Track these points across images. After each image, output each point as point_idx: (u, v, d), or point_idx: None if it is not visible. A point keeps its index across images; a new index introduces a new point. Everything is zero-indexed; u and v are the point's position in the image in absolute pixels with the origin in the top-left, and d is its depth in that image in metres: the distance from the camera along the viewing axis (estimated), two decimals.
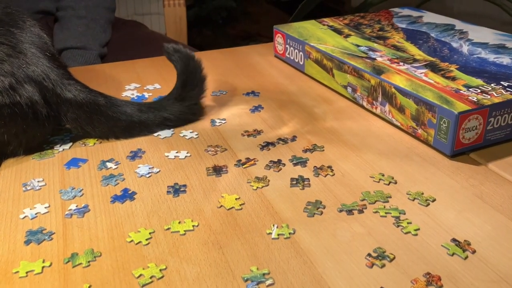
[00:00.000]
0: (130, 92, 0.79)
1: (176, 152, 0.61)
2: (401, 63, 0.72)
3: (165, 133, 0.65)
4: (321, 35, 0.86)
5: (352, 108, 0.73)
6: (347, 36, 0.85)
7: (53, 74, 0.60)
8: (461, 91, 0.62)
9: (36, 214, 0.50)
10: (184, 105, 0.67)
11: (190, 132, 0.66)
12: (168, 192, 0.53)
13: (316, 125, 0.68)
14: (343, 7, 3.14)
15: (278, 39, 0.92)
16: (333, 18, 0.96)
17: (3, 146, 0.59)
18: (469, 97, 0.60)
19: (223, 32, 2.43)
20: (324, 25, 0.92)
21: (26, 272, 0.42)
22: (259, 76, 0.86)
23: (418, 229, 0.46)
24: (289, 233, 0.46)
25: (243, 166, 0.58)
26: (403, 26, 0.90)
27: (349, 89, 0.74)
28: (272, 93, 0.79)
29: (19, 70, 0.57)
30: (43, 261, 0.43)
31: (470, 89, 0.62)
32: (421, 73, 0.68)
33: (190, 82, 0.67)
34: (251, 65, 0.92)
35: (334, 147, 0.62)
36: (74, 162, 0.59)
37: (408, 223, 0.47)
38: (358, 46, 0.80)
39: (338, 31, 0.88)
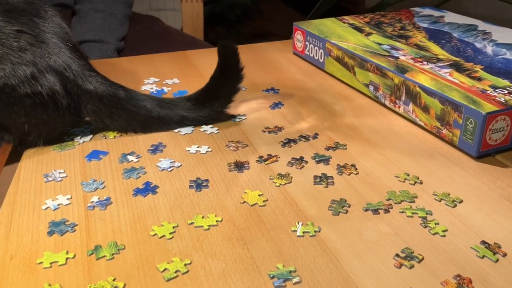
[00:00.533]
0: (149, 86, 0.79)
1: (197, 147, 0.60)
2: (425, 62, 0.71)
3: (185, 129, 0.65)
4: (342, 32, 0.85)
5: (372, 105, 0.72)
6: (368, 34, 0.84)
7: (74, 64, 0.59)
8: (488, 92, 0.61)
9: (58, 205, 0.50)
10: (205, 109, 0.65)
11: (211, 127, 0.65)
12: (191, 186, 0.52)
13: (337, 122, 0.67)
14: (357, 7, 3.12)
15: (298, 36, 0.91)
16: (353, 16, 0.95)
17: (23, 136, 0.58)
18: (496, 98, 0.59)
19: (236, 29, 2.42)
20: (344, 23, 0.91)
21: (50, 263, 0.42)
22: (278, 72, 0.86)
23: (446, 230, 0.45)
24: (315, 231, 0.45)
25: (265, 163, 0.57)
26: (425, 25, 0.89)
27: (371, 88, 0.73)
28: (291, 90, 0.78)
29: (41, 59, 0.56)
30: (67, 253, 0.43)
31: (497, 90, 0.61)
32: (445, 72, 0.67)
33: (220, 89, 0.65)
34: (269, 62, 0.91)
35: (356, 145, 0.61)
36: (95, 155, 0.59)
37: (435, 224, 0.46)
38: (380, 44, 0.79)
39: (359, 29, 0.87)
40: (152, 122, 0.64)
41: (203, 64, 0.89)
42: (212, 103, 0.65)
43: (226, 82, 0.65)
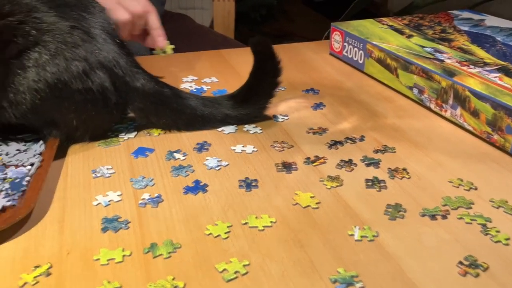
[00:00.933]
0: (188, 85, 0.79)
1: (243, 146, 0.60)
2: (472, 66, 0.69)
3: (229, 128, 0.64)
4: (382, 34, 0.84)
5: (415, 107, 0.71)
6: (409, 36, 0.83)
7: (122, 61, 0.59)
8: None
9: (109, 201, 0.49)
10: (247, 107, 0.64)
11: (254, 127, 0.65)
12: (240, 186, 0.52)
13: (380, 123, 0.66)
14: (379, 10, 3.09)
15: (336, 36, 0.90)
16: (392, 18, 0.94)
17: (71, 131, 0.58)
18: None
19: (260, 29, 2.41)
20: (383, 24, 0.90)
21: (107, 260, 0.41)
22: (315, 73, 0.85)
23: (509, 238, 0.44)
24: (373, 236, 0.44)
25: (313, 164, 0.56)
26: (466, 28, 0.87)
27: (415, 91, 0.72)
28: (331, 90, 0.77)
29: (92, 55, 0.56)
30: (123, 250, 0.43)
31: None
32: (495, 77, 0.66)
33: (259, 86, 0.64)
34: (305, 62, 0.90)
35: (403, 148, 0.60)
36: (141, 151, 0.59)
37: (496, 231, 0.45)
38: (422, 47, 0.78)
39: (399, 31, 0.86)
40: (196, 120, 0.63)
41: (239, 63, 0.89)
42: (253, 100, 0.65)
43: (264, 77, 0.64)
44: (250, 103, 0.65)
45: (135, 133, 0.63)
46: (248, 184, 0.52)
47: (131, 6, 0.74)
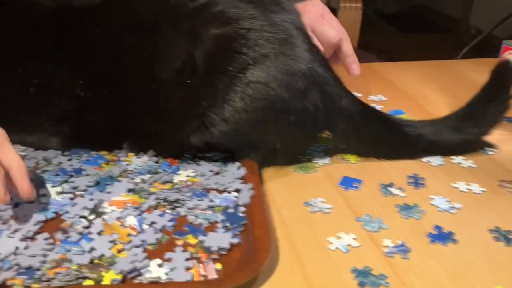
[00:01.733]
0: None
1: (466, 184, 0.51)
2: None
3: (435, 160, 0.55)
4: None
5: None
6: None
7: (329, 76, 0.51)
8: None
9: (347, 246, 0.41)
10: (457, 137, 0.55)
11: (464, 160, 0.56)
12: (495, 238, 0.43)
13: None
14: (455, 25, 2.92)
15: (510, 56, 0.80)
16: None
17: (271, 154, 0.51)
18: None
19: None
20: None
21: None
22: None
23: None
24: None
25: None
26: None
27: None
28: None
29: (307, 70, 0.49)
30: None
31: None
32: None
33: (479, 116, 0.55)
34: (474, 83, 0.79)
35: None
36: (348, 182, 0.51)
37: None
38: None
39: None
40: (399, 147, 0.55)
41: (400, 79, 0.80)
42: (467, 130, 0.56)
43: (493, 107, 0.55)
44: (462, 133, 0.55)
45: (328, 158, 0.55)
46: (507, 238, 0.43)
47: (329, 35, 0.65)
